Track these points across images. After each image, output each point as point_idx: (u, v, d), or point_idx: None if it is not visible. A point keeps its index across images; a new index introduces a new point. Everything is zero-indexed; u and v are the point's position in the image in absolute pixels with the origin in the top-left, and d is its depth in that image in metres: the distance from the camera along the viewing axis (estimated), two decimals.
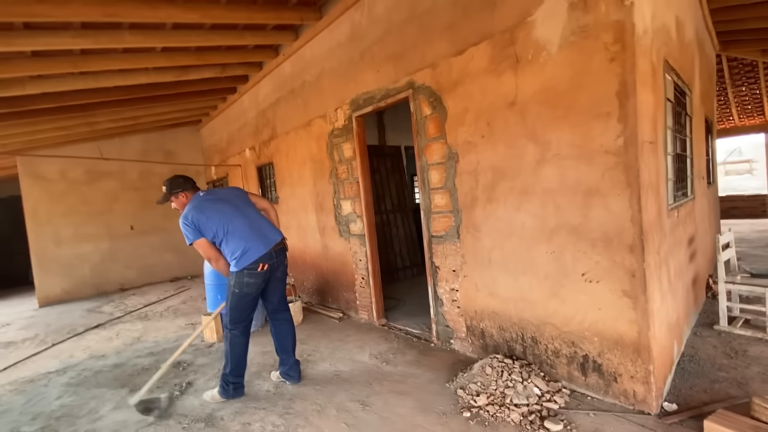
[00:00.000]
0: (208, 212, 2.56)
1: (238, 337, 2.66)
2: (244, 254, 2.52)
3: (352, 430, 2.25)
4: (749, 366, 2.60)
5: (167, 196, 2.72)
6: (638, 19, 2.02)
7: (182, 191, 2.71)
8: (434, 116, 3.06)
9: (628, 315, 2.16)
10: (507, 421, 2.18)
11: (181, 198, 2.72)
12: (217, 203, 2.64)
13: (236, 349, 2.65)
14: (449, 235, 3.10)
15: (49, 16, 2.72)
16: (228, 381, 2.66)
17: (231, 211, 2.61)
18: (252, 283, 2.56)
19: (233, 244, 2.54)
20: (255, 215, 2.73)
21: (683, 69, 3.24)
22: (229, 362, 2.65)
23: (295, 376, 2.86)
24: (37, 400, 3.01)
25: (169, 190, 2.71)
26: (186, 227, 2.53)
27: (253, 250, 2.53)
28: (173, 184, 2.71)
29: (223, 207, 2.62)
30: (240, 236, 2.55)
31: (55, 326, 5.26)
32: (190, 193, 2.73)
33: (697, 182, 3.94)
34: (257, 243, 2.56)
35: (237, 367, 2.67)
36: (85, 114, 5.17)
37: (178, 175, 2.80)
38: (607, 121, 2.12)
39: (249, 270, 2.53)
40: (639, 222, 2.07)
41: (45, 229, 6.92)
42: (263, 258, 2.55)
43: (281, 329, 2.85)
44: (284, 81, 4.97)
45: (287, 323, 2.87)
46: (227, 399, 2.68)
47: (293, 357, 2.88)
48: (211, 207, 2.59)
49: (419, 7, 3.05)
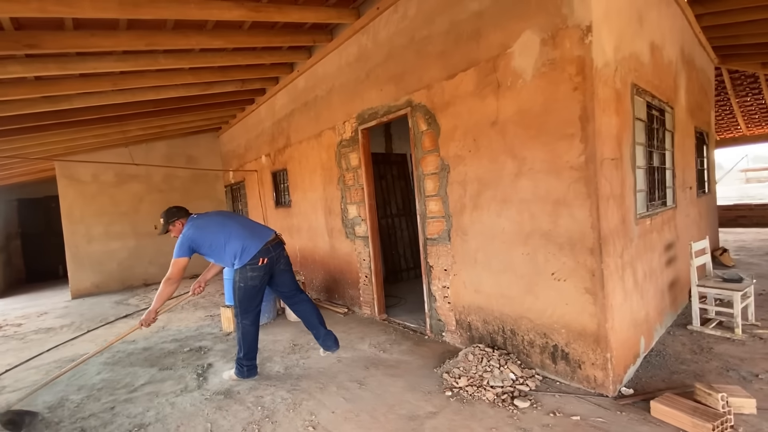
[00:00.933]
0: (202, 228, 2.95)
1: (249, 327, 3.01)
2: (244, 251, 2.88)
3: (349, 403, 2.62)
4: (710, 361, 2.88)
5: (165, 226, 3.09)
6: (597, 55, 2.35)
7: (177, 219, 3.08)
8: (429, 131, 3.43)
9: (589, 309, 2.48)
10: (482, 399, 2.52)
11: (177, 225, 3.07)
12: (212, 216, 3.09)
13: (247, 337, 3.02)
14: (441, 237, 3.46)
15: (100, 46, 3.21)
16: (242, 363, 3.05)
17: (224, 220, 3.04)
18: (255, 276, 2.91)
19: (233, 245, 2.90)
20: (246, 220, 3.15)
21: (660, 89, 3.52)
22: (242, 348, 3.02)
23: (331, 345, 3.18)
24: (79, 375, 3.48)
25: (166, 221, 3.07)
26: (182, 244, 2.89)
27: (250, 247, 2.89)
28: (169, 215, 3.08)
29: (218, 218, 3.06)
30: (237, 237, 2.92)
31: (88, 315, 5.79)
32: (184, 219, 3.09)
33: (680, 192, 4.20)
34: (252, 240, 2.93)
35: (249, 352, 3.04)
36: (119, 123, 5.71)
37: (172, 206, 3.20)
38: (572, 141, 2.45)
39: (251, 265, 2.89)
40: (598, 228, 2.39)
41: (78, 228, 7.51)
42: (261, 253, 2.90)
43: (302, 308, 3.19)
44: (298, 94, 5.41)
45: (305, 303, 3.20)
46: (242, 378, 3.06)
47: (323, 328, 3.19)
48: (204, 223, 2.99)
49: (417, 35, 3.43)
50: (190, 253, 2.92)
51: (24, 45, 2.93)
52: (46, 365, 3.80)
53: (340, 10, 3.88)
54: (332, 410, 2.54)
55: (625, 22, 2.77)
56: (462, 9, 3.01)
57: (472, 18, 2.95)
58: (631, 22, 2.86)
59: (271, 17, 3.51)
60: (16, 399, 2.86)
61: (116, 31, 3.25)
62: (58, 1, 2.53)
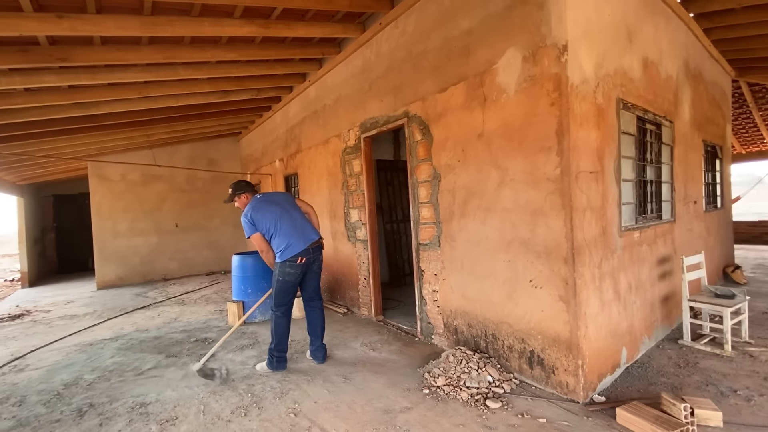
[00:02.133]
0: (262, 212, 3.15)
1: (281, 318, 3.20)
2: (287, 248, 3.08)
3: (332, 395, 2.79)
4: (692, 375, 2.89)
5: (232, 196, 3.34)
6: (573, 72, 2.46)
7: (244, 193, 3.32)
8: (423, 141, 3.59)
9: (562, 317, 2.56)
10: (457, 398, 2.63)
11: (243, 198, 3.31)
12: (270, 205, 3.21)
13: (279, 329, 3.19)
14: (432, 243, 3.60)
15: (124, 59, 3.56)
16: (273, 355, 3.19)
17: (280, 212, 3.18)
18: (292, 272, 3.12)
19: (279, 240, 3.11)
20: (299, 217, 3.26)
21: (656, 103, 3.56)
22: (274, 338, 3.18)
23: (319, 357, 3.36)
24: (95, 357, 3.80)
25: (234, 192, 3.33)
26: (246, 223, 3.14)
27: (293, 246, 3.09)
28: (238, 187, 3.34)
29: (274, 208, 3.19)
30: (284, 233, 3.11)
31: (109, 305, 6.21)
32: (250, 195, 3.33)
33: (681, 206, 4.18)
34: (298, 240, 3.11)
35: (280, 343, 3.19)
36: (144, 127, 6.15)
37: (241, 180, 3.48)
38: (549, 154, 2.56)
39: (290, 261, 3.09)
40: (571, 239, 2.49)
41: (106, 223, 8.03)
42: (302, 252, 3.10)
43: (313, 315, 3.38)
44: (309, 103, 5.68)
45: (318, 311, 3.39)
46: (272, 370, 3.20)
47: (320, 340, 3.38)
48: (265, 208, 3.18)
49: (415, 50, 3.61)
50: (257, 229, 3.13)
51: (57, 58, 3.30)
52: (67, 348, 4.15)
53: (345, 25, 4.11)
54: (315, 400, 2.72)
55: (610, 40, 2.86)
56: (454, 26, 3.17)
57: (462, 35, 3.10)
58: (617, 40, 2.95)
59: (280, 33, 3.77)
60: (38, 377, 3.17)
61: (139, 46, 3.59)
62: (86, 21, 2.87)
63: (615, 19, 2.92)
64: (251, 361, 3.46)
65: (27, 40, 3.23)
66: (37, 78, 3.67)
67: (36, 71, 3.65)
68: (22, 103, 4.17)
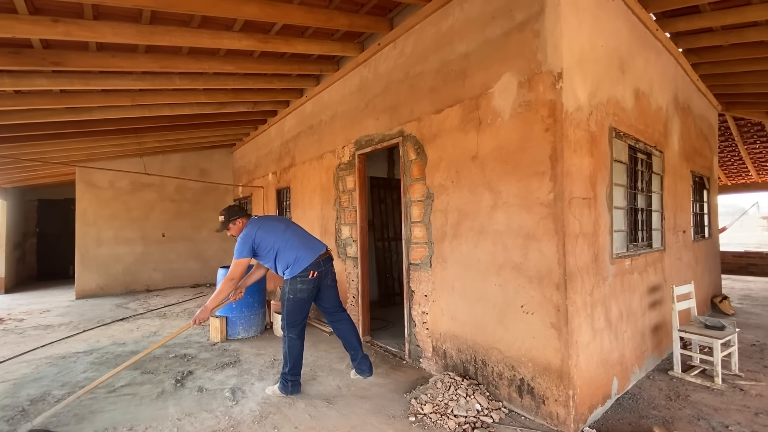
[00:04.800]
0: (266, 228, 2.99)
1: (295, 340, 3.00)
2: (296, 262, 2.91)
3: (314, 420, 2.66)
4: (683, 408, 2.83)
5: (225, 224, 3.08)
6: (567, 99, 2.49)
7: (239, 217, 3.08)
8: (417, 161, 3.58)
9: (554, 344, 2.51)
10: (444, 427, 2.53)
11: (238, 224, 3.07)
12: (273, 221, 3.12)
13: (293, 351, 2.99)
14: (423, 263, 3.54)
15: (120, 67, 3.52)
16: (287, 379, 2.99)
17: (284, 226, 3.07)
18: (304, 288, 2.93)
19: (287, 254, 2.93)
20: (302, 230, 3.17)
21: (646, 133, 3.62)
22: (288, 362, 2.98)
23: (366, 369, 3.16)
24: (66, 372, 3.61)
25: (227, 218, 3.07)
26: (245, 243, 2.90)
27: (303, 259, 2.92)
28: (231, 212, 3.09)
29: (277, 224, 3.09)
30: (292, 246, 2.96)
31: (87, 316, 5.98)
32: (245, 219, 3.10)
33: (670, 235, 4.21)
34: (306, 252, 2.96)
35: (295, 366, 3.00)
36: (136, 135, 6.07)
37: (232, 205, 3.26)
38: (542, 179, 2.56)
39: (301, 277, 2.91)
40: (564, 265, 2.46)
41: (90, 230, 7.83)
42: (312, 266, 2.93)
43: (342, 328, 3.18)
44: (305, 118, 5.69)
45: (346, 322, 3.19)
46: (286, 395, 2.99)
47: (361, 351, 3.17)
48: (268, 223, 3.05)
49: (412, 71, 3.64)
50: (252, 253, 2.93)
51: (50, 62, 3.26)
52: (38, 360, 3.95)
53: (344, 43, 4.15)
54: (295, 425, 2.59)
55: (604, 69, 2.91)
56: (451, 50, 3.21)
57: (459, 59, 3.14)
58: (610, 70, 3.00)
59: (279, 48, 3.79)
60: (3, 390, 2.98)
61: (135, 54, 3.57)
62: (81, 27, 2.84)
63: (608, 50, 2.98)
64: (231, 381, 3.32)
65: (20, 42, 3.19)
66: (28, 81, 3.61)
67: (27, 74, 3.60)
68: (11, 105, 4.09)
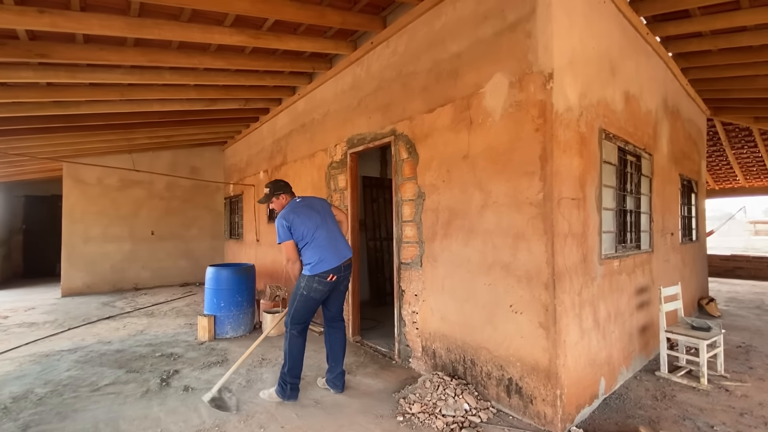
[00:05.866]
0: (302, 217, 2.86)
1: (296, 337, 2.88)
2: (320, 263, 2.81)
3: (300, 419, 2.64)
4: (669, 408, 2.85)
5: (269, 196, 3.01)
6: (557, 100, 2.50)
7: (283, 193, 3.02)
8: (409, 160, 3.58)
9: (542, 344, 2.51)
10: (432, 427, 2.52)
11: (281, 199, 3.01)
12: (310, 211, 2.93)
13: (294, 349, 2.86)
14: (414, 262, 3.53)
15: (107, 60, 3.46)
16: (285, 381, 2.83)
17: (318, 221, 2.90)
18: (319, 289, 2.85)
19: (312, 252, 2.83)
20: (335, 229, 3.00)
21: (636, 135, 3.65)
22: (288, 361, 2.84)
23: (339, 385, 3.04)
24: (50, 370, 3.53)
25: (272, 192, 3.01)
26: (282, 227, 2.81)
27: (327, 261, 2.82)
28: (276, 187, 3.02)
29: (314, 216, 2.91)
30: (319, 246, 2.84)
31: (72, 314, 5.87)
32: (289, 196, 3.04)
33: (658, 237, 4.25)
34: (331, 255, 2.85)
35: (294, 367, 2.85)
36: (125, 131, 5.99)
37: (279, 179, 3.17)
38: (532, 179, 2.56)
39: (320, 277, 2.82)
40: (552, 264, 2.46)
41: (77, 227, 7.70)
42: (333, 270, 2.84)
43: (335, 337, 3.09)
44: (297, 116, 5.65)
45: (341, 332, 3.11)
46: (283, 399, 2.82)
47: (341, 366, 3.07)
48: (305, 213, 2.89)
49: (404, 70, 3.63)
50: (291, 236, 2.84)
51: (36, 54, 3.19)
52: (21, 357, 3.86)
53: (337, 42, 4.13)
54: (282, 425, 2.56)
55: (594, 71, 2.93)
56: (444, 49, 3.21)
57: (452, 58, 3.14)
58: (600, 72, 3.02)
59: (271, 44, 3.75)
60: None
61: (123, 47, 3.51)
62: (68, 18, 2.79)
63: (599, 52, 3.00)
64: (217, 380, 3.27)
65: (5, 33, 3.11)
66: (13, 73, 3.53)
67: (12, 65, 3.52)
68: None
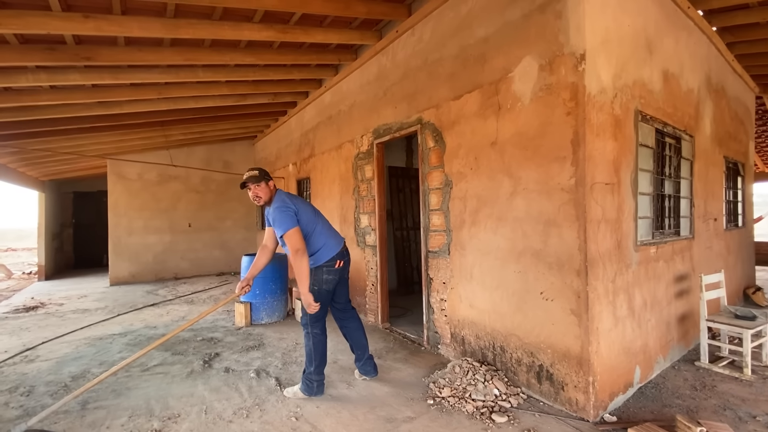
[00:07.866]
0: (303, 204, 2.76)
1: (319, 336, 2.77)
2: (323, 249, 2.72)
3: (335, 401, 2.75)
4: (709, 398, 2.76)
5: (259, 178, 2.68)
6: (590, 82, 2.43)
7: (272, 180, 2.77)
8: (436, 148, 3.58)
9: (574, 331, 2.49)
10: (462, 410, 2.57)
11: (270, 186, 2.74)
12: (303, 202, 2.83)
13: (319, 348, 2.76)
14: (442, 251, 3.55)
15: (146, 60, 3.66)
16: (312, 379, 2.76)
17: (313, 211, 2.83)
18: (330, 279, 2.74)
19: (315, 239, 2.72)
20: (325, 219, 2.93)
21: (675, 116, 3.48)
22: (313, 361, 2.74)
23: (371, 370, 3.03)
24: (103, 351, 3.84)
25: (264, 175, 2.71)
26: (286, 212, 2.58)
27: (329, 247, 2.75)
28: (266, 172, 2.75)
29: (308, 206, 2.82)
30: (321, 231, 2.76)
31: (120, 301, 6.30)
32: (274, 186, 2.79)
33: (700, 223, 4.06)
34: (334, 240, 2.81)
35: (321, 364, 2.79)
36: (163, 128, 6.28)
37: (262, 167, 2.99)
38: (563, 164, 2.52)
39: (327, 266, 2.73)
40: (584, 251, 2.42)
41: (121, 221, 8.19)
42: (339, 255, 2.76)
43: (352, 326, 3.01)
44: (324, 108, 5.74)
45: (355, 319, 3.03)
46: (310, 396, 2.76)
47: (367, 351, 3.03)
48: (301, 203, 2.78)
49: (430, 57, 3.61)
50: (297, 221, 2.63)
51: (82, 57, 3.40)
52: (77, 341, 4.21)
53: (362, 32, 4.15)
54: (317, 405, 2.68)
55: (629, 50, 2.81)
56: (470, 34, 3.17)
57: (478, 43, 3.10)
58: (636, 51, 2.90)
59: (298, 38, 3.82)
60: (47, 368, 3.21)
61: (161, 48, 3.69)
62: (111, 22, 2.96)
63: (635, 29, 2.88)
64: (256, 363, 3.46)
65: (54, 38, 3.34)
66: (62, 76, 3.79)
67: (62, 69, 3.77)
68: (47, 100, 4.31)
